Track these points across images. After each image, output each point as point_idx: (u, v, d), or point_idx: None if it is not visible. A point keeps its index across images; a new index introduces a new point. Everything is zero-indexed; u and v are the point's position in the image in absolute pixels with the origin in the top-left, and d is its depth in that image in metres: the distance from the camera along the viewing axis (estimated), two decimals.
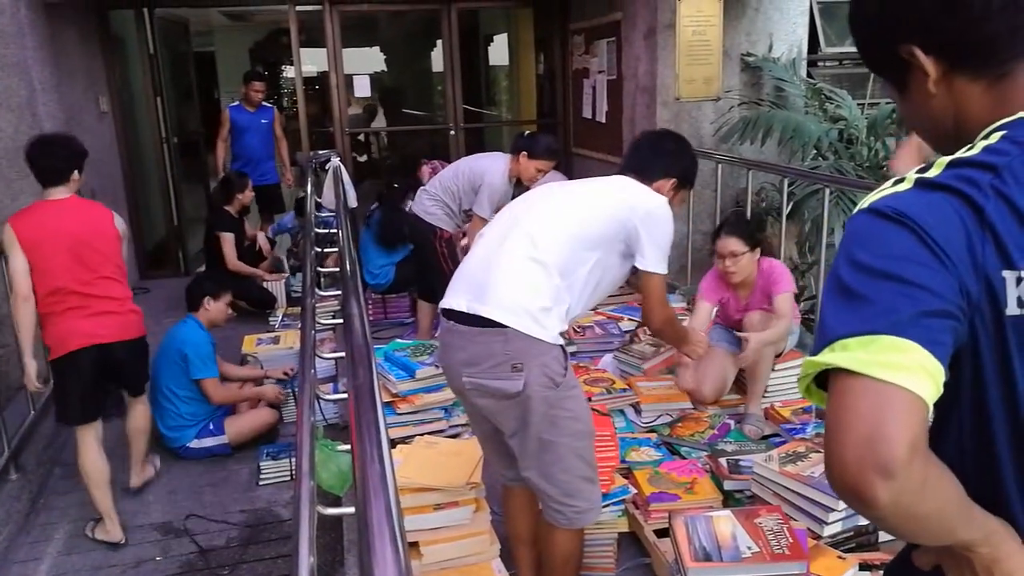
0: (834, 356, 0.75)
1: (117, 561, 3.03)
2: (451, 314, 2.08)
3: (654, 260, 2.22)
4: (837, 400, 0.74)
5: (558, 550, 2.13)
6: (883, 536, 2.51)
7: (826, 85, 5.22)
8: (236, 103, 6.39)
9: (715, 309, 3.56)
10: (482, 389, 2.03)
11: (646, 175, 2.33)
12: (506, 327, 1.96)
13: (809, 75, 5.50)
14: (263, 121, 6.36)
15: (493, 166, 4.21)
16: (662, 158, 2.38)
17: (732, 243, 3.22)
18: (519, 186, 4.23)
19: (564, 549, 2.13)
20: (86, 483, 3.13)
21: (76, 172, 3.11)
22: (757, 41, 5.33)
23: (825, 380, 0.78)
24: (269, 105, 6.53)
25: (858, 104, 5.07)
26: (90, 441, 3.13)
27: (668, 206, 2.28)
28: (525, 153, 4.14)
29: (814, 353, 0.78)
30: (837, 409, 0.74)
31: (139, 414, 3.45)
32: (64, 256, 3.03)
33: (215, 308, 3.85)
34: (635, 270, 2.31)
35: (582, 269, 2.11)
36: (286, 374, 4.17)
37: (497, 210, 4.33)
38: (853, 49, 5.36)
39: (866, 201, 0.83)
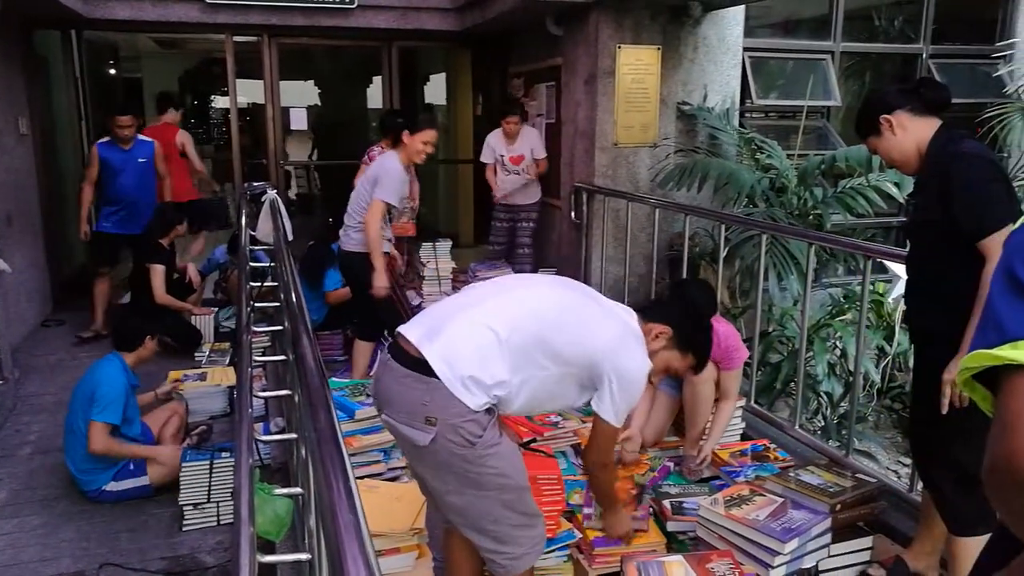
0: (1020, 353, 0.77)
1: None
2: (395, 348, 2.06)
3: (611, 410, 2.07)
4: (1021, 395, 0.76)
5: None
6: None
7: (757, 135, 5.41)
8: (106, 139, 5.49)
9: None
10: (395, 431, 2.03)
11: (647, 314, 2.21)
12: (433, 377, 1.92)
13: (741, 125, 5.70)
14: (140, 160, 5.48)
15: (385, 161, 4.20)
16: (672, 304, 2.28)
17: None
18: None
19: None
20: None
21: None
22: (693, 91, 5.50)
23: (986, 373, 0.81)
24: (147, 139, 5.64)
25: (787, 155, 5.27)
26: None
27: (647, 367, 2.11)
28: (406, 132, 4.13)
29: (988, 347, 0.80)
30: (1020, 403, 0.76)
31: None
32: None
33: (151, 346, 3.76)
34: None
35: (536, 373, 2.01)
36: (200, 435, 3.87)
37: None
38: (780, 102, 5.57)
39: None
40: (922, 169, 2.33)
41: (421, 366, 1.94)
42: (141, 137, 5.57)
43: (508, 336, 1.97)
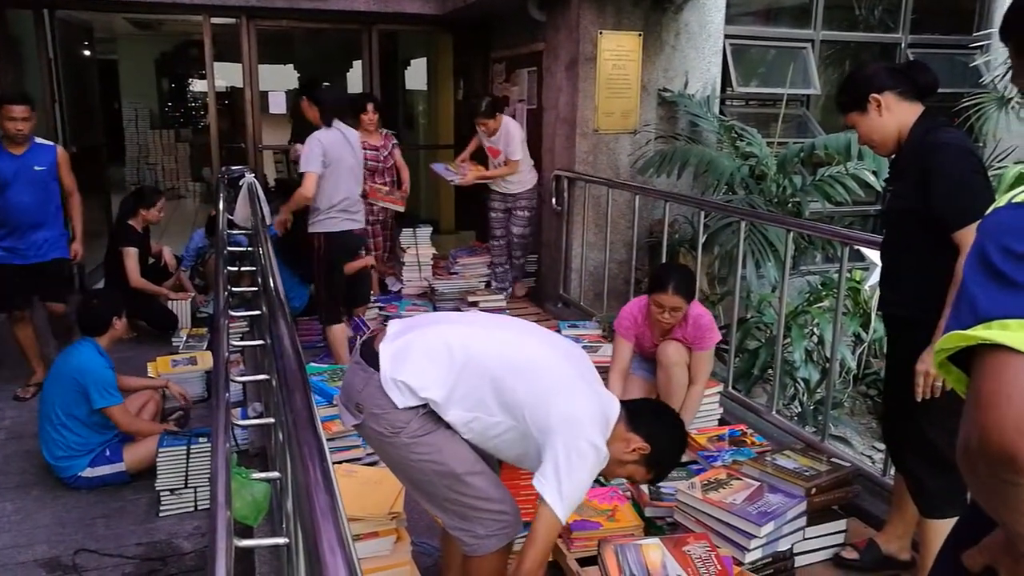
0: (993, 333, 0.79)
1: None
2: (369, 337, 2.12)
3: (556, 489, 1.84)
4: (996, 373, 0.78)
5: None
6: (799, 561, 2.57)
7: (737, 123, 5.43)
8: None
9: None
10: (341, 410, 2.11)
11: (635, 422, 2.04)
12: (373, 370, 1.98)
13: (721, 112, 5.71)
14: (36, 168, 4.16)
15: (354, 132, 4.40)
16: (662, 425, 2.10)
17: (678, 300, 3.26)
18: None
19: None
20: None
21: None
22: (674, 77, 5.50)
23: (959, 354, 0.83)
24: (48, 143, 4.33)
25: (767, 143, 5.29)
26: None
27: (602, 458, 1.94)
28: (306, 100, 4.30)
29: (963, 328, 0.82)
30: (996, 381, 0.78)
31: None
32: None
33: (121, 325, 3.69)
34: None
35: (485, 418, 1.96)
36: (177, 421, 3.90)
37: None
38: (760, 90, 5.59)
39: (1017, 196, 0.89)
40: (900, 155, 2.34)
41: (373, 357, 2.00)
42: (40, 140, 4.27)
43: (463, 364, 1.95)
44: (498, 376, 1.95)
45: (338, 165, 4.17)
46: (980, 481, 0.81)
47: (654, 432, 2.03)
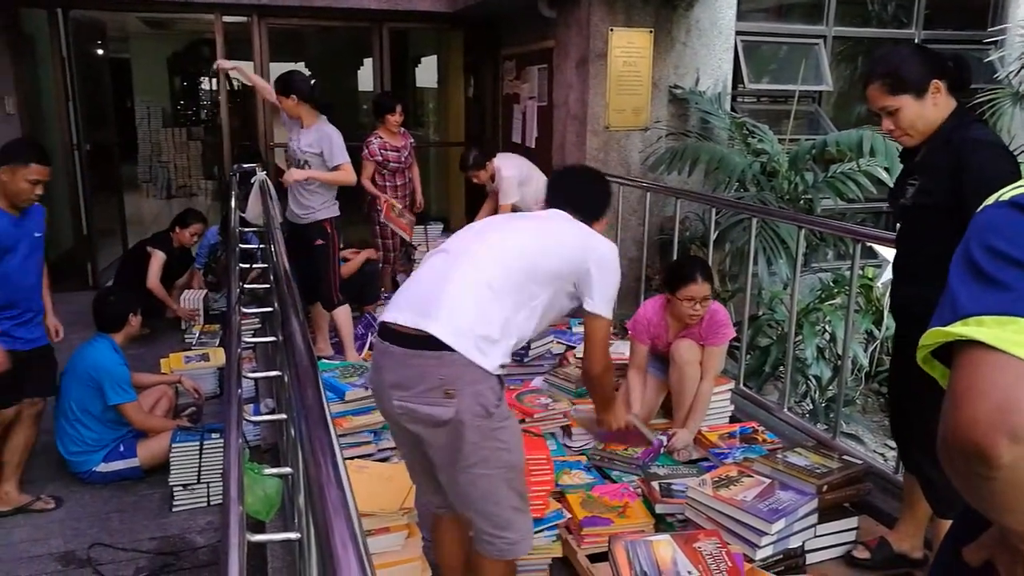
0: (969, 330, 0.79)
1: None
2: (387, 333, 1.99)
3: (603, 304, 2.19)
4: (971, 368, 0.78)
5: None
6: (810, 559, 2.56)
7: (748, 119, 5.41)
8: None
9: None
10: (412, 414, 1.94)
11: (589, 215, 2.31)
12: (444, 350, 1.87)
13: (732, 109, 5.69)
14: (36, 235, 3.31)
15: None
16: (601, 198, 2.42)
17: (707, 288, 3.24)
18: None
19: None
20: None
21: None
22: (685, 74, 5.48)
23: (943, 351, 0.84)
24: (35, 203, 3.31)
25: (778, 140, 5.27)
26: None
27: (614, 246, 2.26)
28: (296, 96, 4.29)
29: (943, 325, 0.82)
30: (970, 376, 0.78)
31: None
32: None
33: (136, 323, 3.76)
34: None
35: (532, 304, 2.07)
36: (190, 417, 3.95)
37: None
38: (772, 86, 5.53)
39: (1004, 195, 0.89)
40: (927, 149, 2.23)
41: (427, 342, 1.89)
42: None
43: (499, 282, 2.01)
44: (527, 266, 2.07)
45: None
46: (958, 475, 0.81)
47: (598, 206, 2.37)
